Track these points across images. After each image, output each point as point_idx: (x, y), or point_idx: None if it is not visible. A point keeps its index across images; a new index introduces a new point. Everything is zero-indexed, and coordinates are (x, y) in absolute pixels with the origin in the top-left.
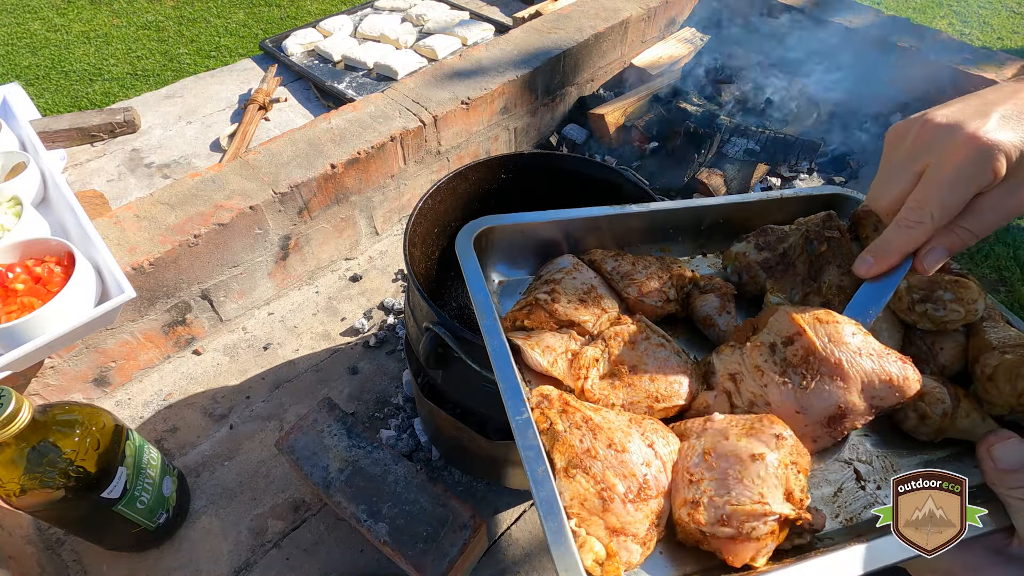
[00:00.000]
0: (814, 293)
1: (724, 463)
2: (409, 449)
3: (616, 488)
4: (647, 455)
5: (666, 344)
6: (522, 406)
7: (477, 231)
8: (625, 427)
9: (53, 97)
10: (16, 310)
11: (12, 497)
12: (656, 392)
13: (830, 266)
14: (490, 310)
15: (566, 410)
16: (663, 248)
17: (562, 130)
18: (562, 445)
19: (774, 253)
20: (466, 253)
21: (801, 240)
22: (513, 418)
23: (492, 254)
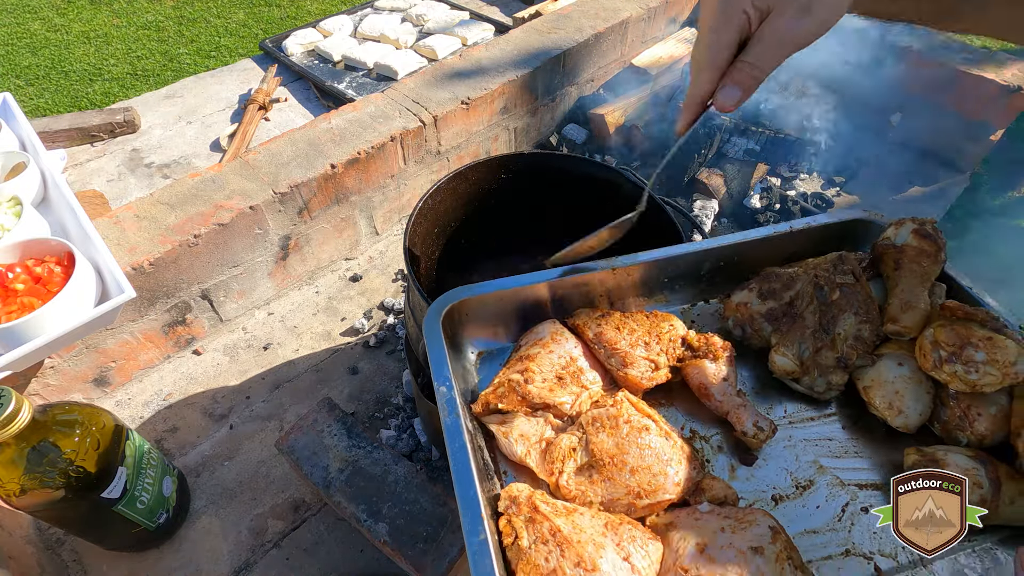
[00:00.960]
0: (827, 348)
1: (723, 557)
2: (409, 449)
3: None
4: (622, 572)
5: (651, 427)
6: (480, 525)
7: (447, 306)
8: (598, 537)
9: (53, 97)
10: (16, 310)
11: (12, 497)
12: (638, 487)
13: (845, 315)
14: (453, 406)
15: (534, 518)
16: (660, 299)
17: (562, 130)
18: (526, 564)
19: (779, 303)
20: (433, 335)
21: (810, 287)
22: (469, 539)
23: (468, 325)
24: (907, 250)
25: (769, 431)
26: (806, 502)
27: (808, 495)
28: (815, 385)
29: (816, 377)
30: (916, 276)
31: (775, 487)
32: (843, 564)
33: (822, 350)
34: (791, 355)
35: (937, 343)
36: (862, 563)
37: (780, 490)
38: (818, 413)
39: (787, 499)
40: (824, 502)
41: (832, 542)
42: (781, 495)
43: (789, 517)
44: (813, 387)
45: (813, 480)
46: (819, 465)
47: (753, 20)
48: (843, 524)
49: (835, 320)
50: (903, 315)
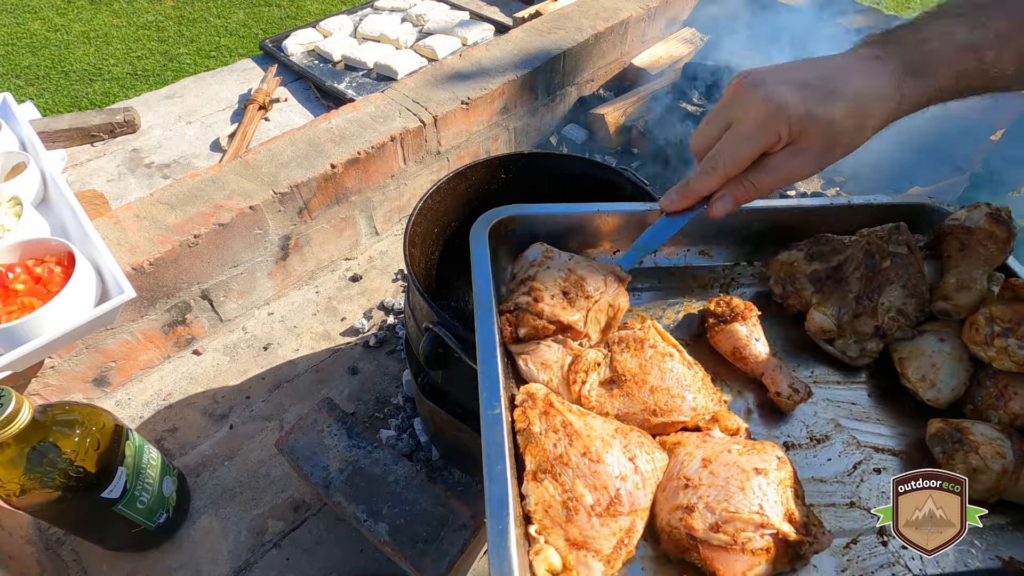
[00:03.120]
0: (867, 315)
1: (726, 471)
2: (409, 449)
3: (583, 499)
4: (625, 469)
5: (674, 354)
6: (496, 401)
7: (496, 219)
8: (607, 436)
9: (53, 97)
10: (16, 310)
11: (12, 497)
12: (654, 404)
13: (892, 286)
14: (488, 299)
15: (548, 412)
16: (703, 252)
17: (562, 130)
18: (535, 447)
19: (827, 265)
20: (478, 239)
21: (860, 253)
22: (484, 411)
23: (512, 245)
24: (977, 232)
25: (804, 393)
26: (817, 453)
27: (821, 448)
28: (848, 349)
29: (851, 341)
30: (979, 259)
31: (789, 435)
32: (845, 514)
33: (862, 316)
34: (829, 314)
35: (992, 318)
36: (866, 517)
37: (793, 439)
38: (845, 378)
39: (799, 447)
40: (836, 457)
41: (838, 493)
42: (793, 443)
43: (798, 463)
44: (846, 351)
45: (829, 435)
46: (837, 423)
47: (783, 141)
48: (852, 479)
49: (880, 289)
50: (957, 293)
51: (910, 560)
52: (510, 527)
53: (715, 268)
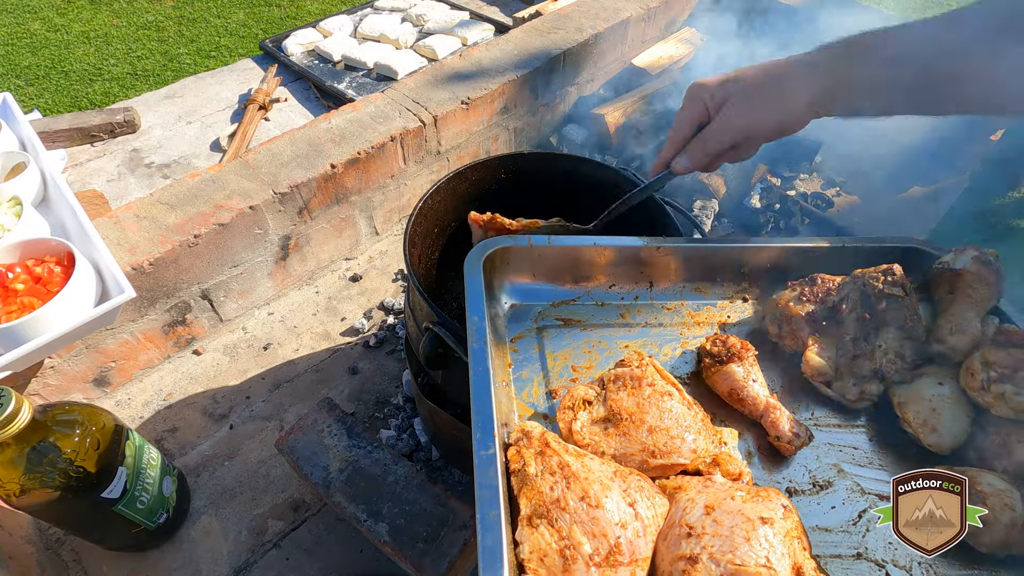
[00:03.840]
0: (864, 357)
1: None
2: (409, 449)
3: (582, 548)
4: (625, 515)
5: (673, 394)
6: (490, 441)
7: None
8: (606, 479)
9: (53, 97)
10: (16, 310)
11: (12, 497)
12: (653, 445)
13: (888, 328)
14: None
15: (544, 452)
16: (698, 288)
17: (562, 130)
18: (530, 490)
19: (823, 306)
20: (472, 270)
21: (856, 295)
22: (477, 452)
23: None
24: (964, 275)
25: (805, 437)
26: (821, 500)
27: (824, 494)
28: (847, 392)
29: (849, 384)
30: (970, 301)
31: (791, 480)
32: (852, 566)
33: (859, 358)
34: (826, 357)
35: (988, 363)
36: (873, 569)
37: (796, 484)
38: (846, 421)
39: (802, 494)
40: (841, 504)
41: (844, 543)
42: (796, 489)
43: (802, 511)
44: (845, 394)
45: (832, 481)
46: (840, 468)
47: (711, 108)
48: (858, 528)
49: (878, 331)
50: (951, 337)
51: None
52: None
53: (711, 305)
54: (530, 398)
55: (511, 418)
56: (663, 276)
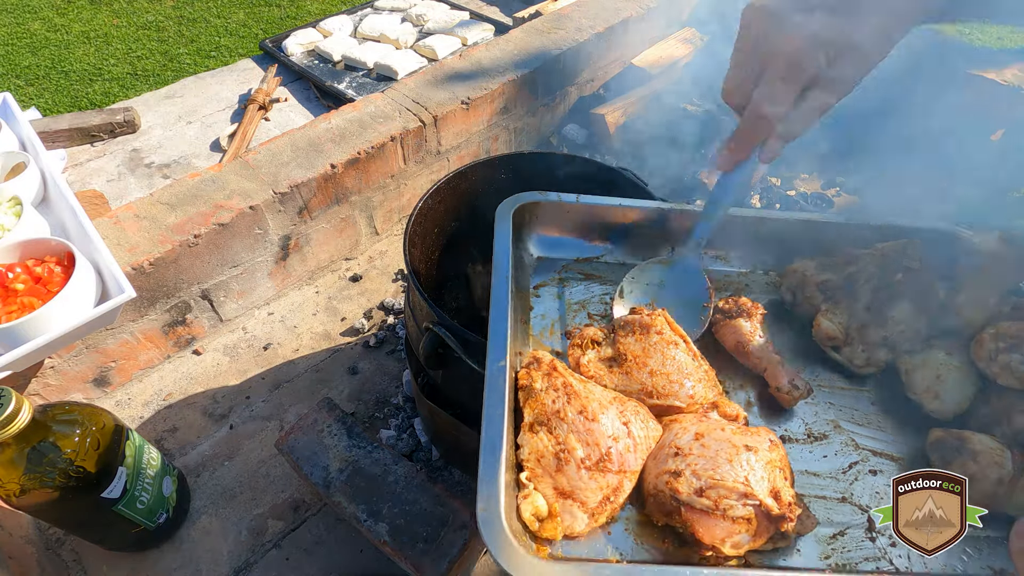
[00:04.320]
0: (875, 326)
1: (716, 445)
2: (409, 449)
3: (575, 452)
4: (618, 431)
5: (679, 343)
6: (502, 356)
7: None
8: (605, 401)
9: (53, 97)
10: (16, 310)
11: (12, 497)
12: (652, 387)
13: (902, 300)
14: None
15: (551, 374)
16: (720, 256)
17: (562, 130)
18: (534, 402)
19: (838, 275)
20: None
21: (873, 266)
22: (490, 365)
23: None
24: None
25: (804, 390)
26: (814, 449)
27: (818, 445)
28: (855, 357)
29: (858, 350)
30: (989, 279)
31: (787, 430)
32: (835, 507)
33: (870, 326)
34: (837, 322)
35: (999, 334)
36: (856, 512)
37: (791, 433)
38: (850, 385)
39: (796, 442)
40: (833, 455)
41: (831, 487)
42: (791, 437)
43: (792, 456)
44: (852, 359)
45: (827, 435)
46: (837, 424)
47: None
48: (847, 477)
49: (891, 303)
50: (966, 309)
51: (896, 557)
52: (501, 465)
53: (731, 273)
54: (547, 336)
55: (526, 351)
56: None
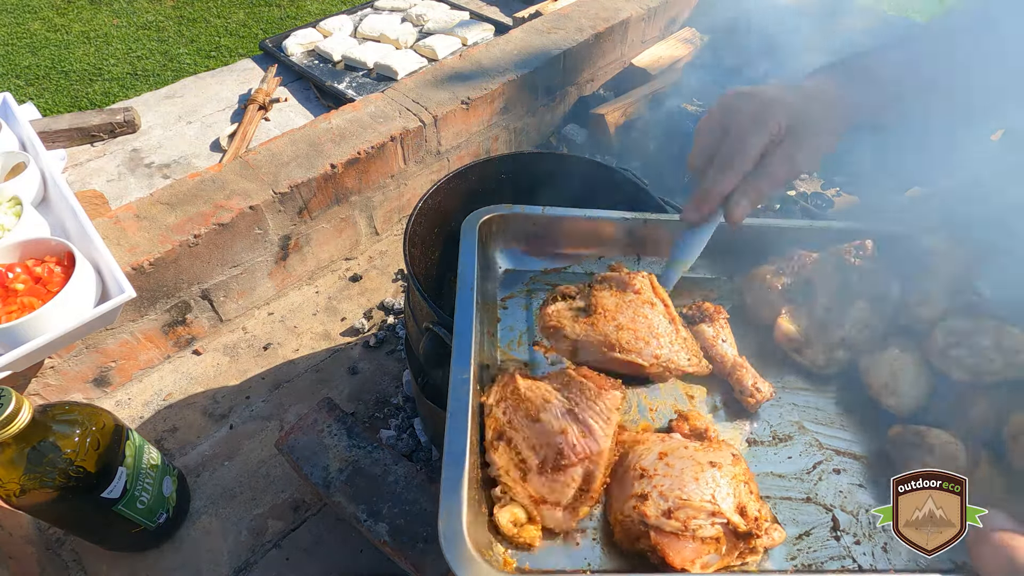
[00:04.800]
0: (834, 326)
1: (681, 464)
2: (409, 449)
3: (530, 460)
4: (564, 422)
5: (656, 305)
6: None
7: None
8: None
9: (53, 97)
10: (16, 310)
11: (12, 497)
12: (616, 340)
13: (859, 299)
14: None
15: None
16: None
17: (562, 130)
18: (490, 418)
19: (797, 279)
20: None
21: (829, 267)
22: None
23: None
24: (934, 253)
25: (767, 392)
26: (779, 451)
27: (783, 446)
28: (816, 358)
29: (819, 351)
30: (939, 276)
31: (752, 433)
32: (800, 508)
33: (829, 327)
34: (796, 324)
35: (949, 330)
36: (820, 512)
37: (756, 436)
38: (813, 386)
39: (761, 444)
40: (797, 456)
41: (795, 488)
42: (756, 440)
43: (758, 458)
44: (814, 360)
45: (792, 436)
46: (801, 426)
47: (782, 130)
48: (811, 477)
49: (849, 303)
50: (918, 308)
51: (860, 555)
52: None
53: (696, 280)
54: (514, 348)
55: (493, 363)
56: (651, 251)
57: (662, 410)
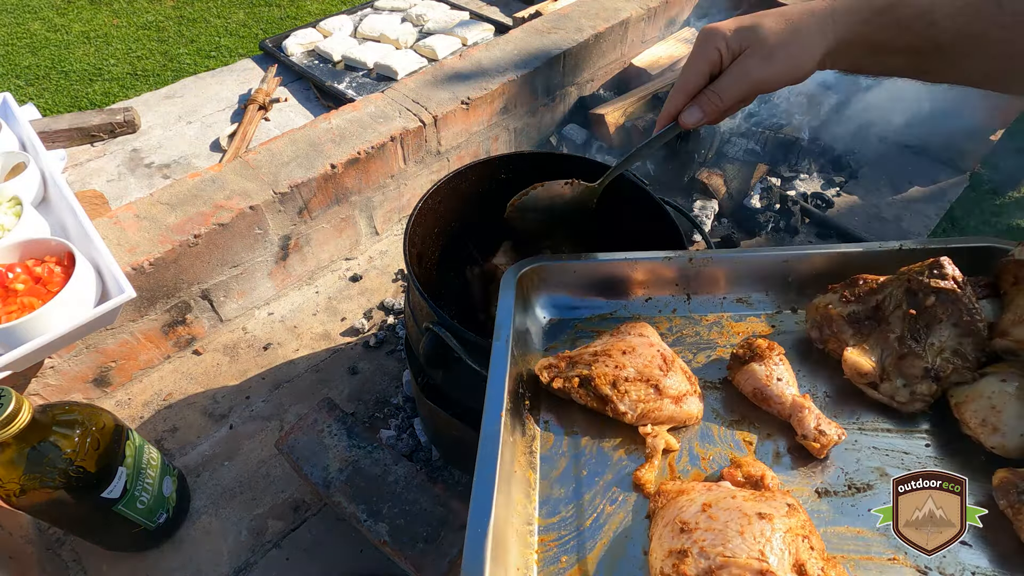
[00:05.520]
0: (913, 356)
1: (726, 516)
2: (409, 449)
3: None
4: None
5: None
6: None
7: (526, 268)
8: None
9: (53, 97)
10: (16, 310)
11: (12, 497)
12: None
13: (941, 324)
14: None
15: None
16: (741, 300)
17: (562, 130)
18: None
19: (864, 306)
20: (507, 286)
21: (900, 291)
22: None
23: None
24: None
25: (833, 436)
26: (857, 503)
27: (861, 496)
28: (896, 394)
29: (899, 385)
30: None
31: (824, 482)
32: (887, 570)
33: (907, 357)
34: (868, 356)
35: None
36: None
37: (829, 486)
38: (900, 426)
39: (834, 495)
40: (880, 507)
41: (878, 545)
42: (828, 490)
43: (833, 511)
44: (894, 395)
45: (872, 485)
46: (883, 472)
47: (725, 57)
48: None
49: (929, 329)
50: (1014, 329)
51: None
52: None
53: (755, 316)
54: None
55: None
56: (702, 288)
57: (716, 458)
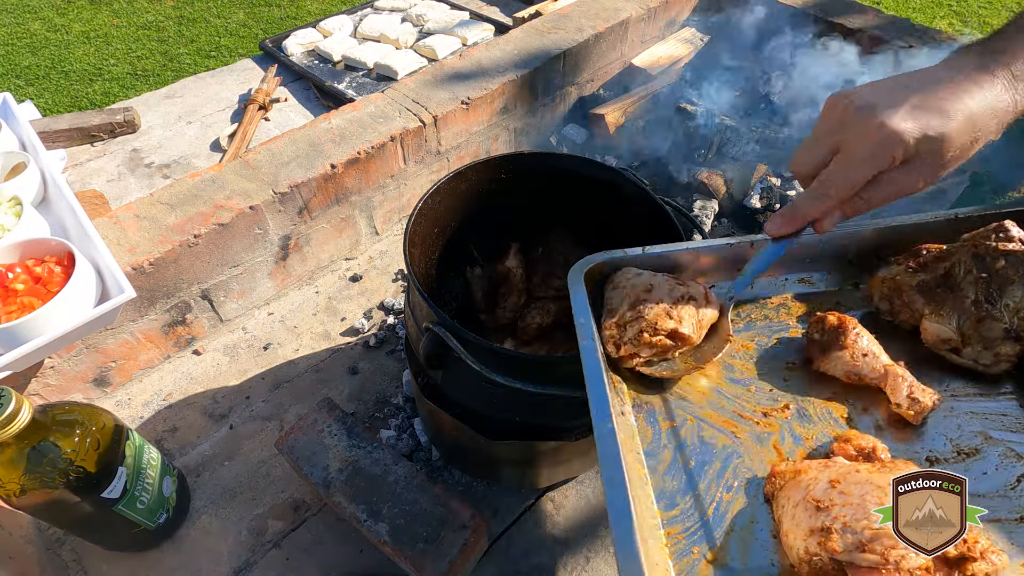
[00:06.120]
0: (990, 318)
1: (859, 489)
2: (409, 449)
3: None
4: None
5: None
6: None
7: (591, 264)
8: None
9: (53, 97)
10: (16, 310)
11: (12, 497)
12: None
13: (1013, 285)
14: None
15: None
16: (803, 280)
17: (562, 130)
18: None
19: (933, 275)
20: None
21: (967, 257)
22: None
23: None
24: None
25: (928, 402)
26: (969, 467)
27: (972, 461)
28: (980, 357)
29: (980, 348)
30: None
31: (931, 450)
32: (1016, 529)
33: (985, 320)
34: (948, 324)
35: None
36: None
37: (936, 454)
38: (988, 389)
39: (945, 462)
40: (993, 470)
41: (1003, 507)
42: (938, 458)
43: None
44: (978, 359)
45: (979, 448)
46: (987, 436)
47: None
48: (1017, 492)
49: (1002, 290)
50: None
51: None
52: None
53: (818, 295)
54: None
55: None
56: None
57: (818, 437)
